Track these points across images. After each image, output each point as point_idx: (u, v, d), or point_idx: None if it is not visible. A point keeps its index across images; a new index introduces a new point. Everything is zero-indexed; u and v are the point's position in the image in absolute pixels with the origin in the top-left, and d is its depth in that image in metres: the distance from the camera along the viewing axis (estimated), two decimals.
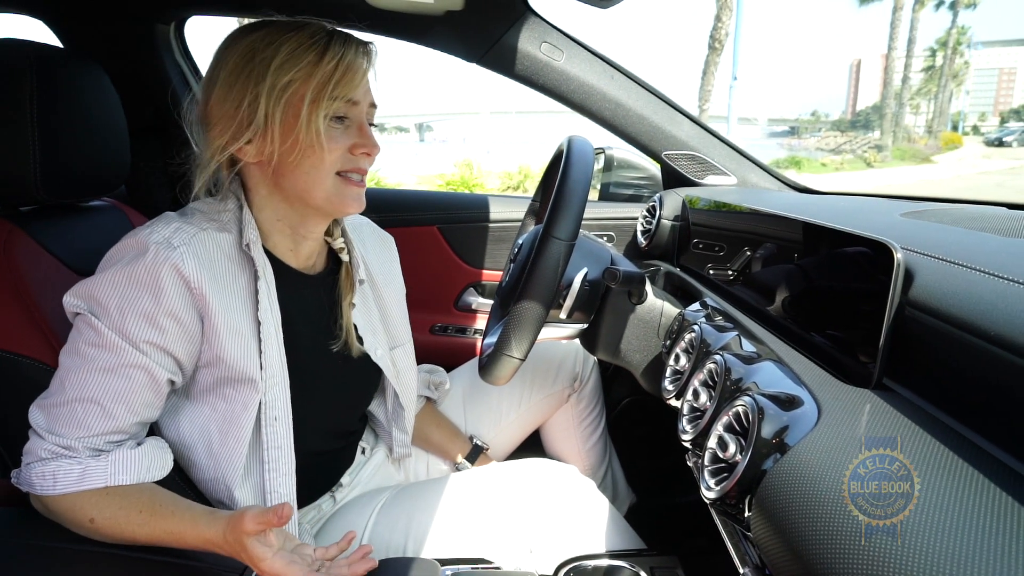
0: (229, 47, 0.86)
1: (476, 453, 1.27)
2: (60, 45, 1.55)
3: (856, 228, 0.76)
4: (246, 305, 0.87)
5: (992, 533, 0.43)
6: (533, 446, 1.43)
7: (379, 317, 1.11)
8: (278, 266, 0.93)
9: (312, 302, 0.98)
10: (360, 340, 1.03)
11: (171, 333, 0.81)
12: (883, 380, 0.65)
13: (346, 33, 0.88)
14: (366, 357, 1.04)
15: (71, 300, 0.82)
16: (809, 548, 0.50)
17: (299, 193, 0.88)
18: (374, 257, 1.11)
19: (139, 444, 0.83)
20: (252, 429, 0.87)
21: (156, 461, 0.83)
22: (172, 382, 0.85)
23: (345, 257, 1.02)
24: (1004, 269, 0.59)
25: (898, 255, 0.64)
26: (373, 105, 0.91)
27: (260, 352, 0.87)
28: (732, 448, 0.66)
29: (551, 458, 1.37)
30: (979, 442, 0.52)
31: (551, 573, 0.93)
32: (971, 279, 0.60)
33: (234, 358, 0.85)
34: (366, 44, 0.89)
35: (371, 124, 0.92)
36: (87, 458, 0.79)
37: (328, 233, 1.01)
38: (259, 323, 0.87)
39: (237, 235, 0.89)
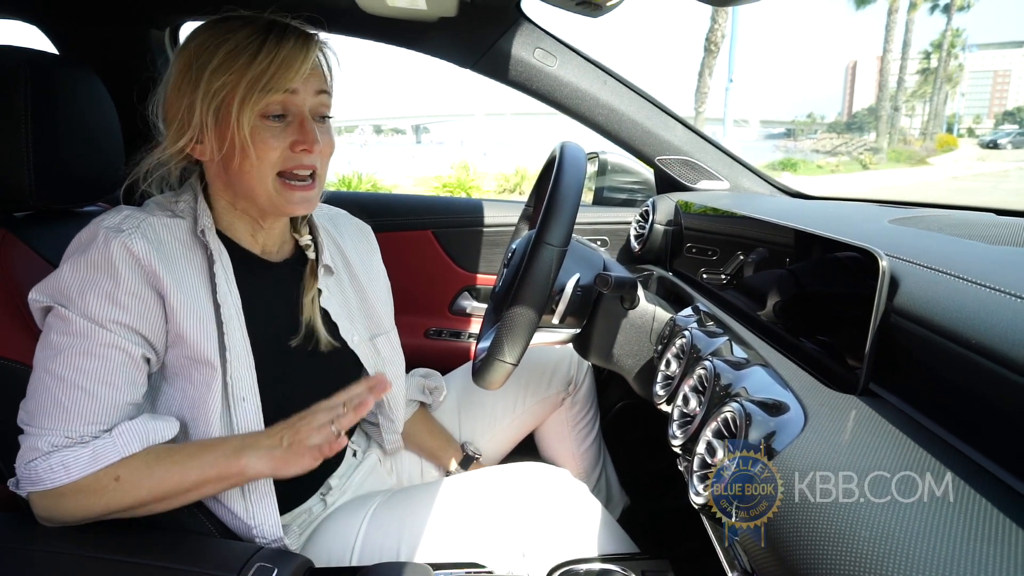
0: (179, 51, 0.88)
1: (468, 462, 1.28)
2: (54, 51, 1.55)
3: (844, 234, 0.76)
4: (202, 287, 0.89)
5: (972, 538, 0.43)
6: (527, 450, 1.44)
7: (357, 305, 1.10)
8: (238, 251, 0.94)
9: (276, 286, 0.99)
10: (333, 327, 1.03)
11: (134, 311, 0.83)
12: (869, 386, 0.66)
13: (286, 26, 0.86)
14: (343, 343, 1.04)
15: (36, 296, 0.83)
16: (793, 552, 0.50)
17: (245, 192, 0.90)
18: (351, 245, 1.12)
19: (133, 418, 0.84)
20: (220, 410, 0.88)
21: (160, 425, 0.85)
22: (147, 360, 0.86)
23: (311, 255, 1.03)
24: (987, 277, 0.60)
25: (883, 263, 0.65)
26: (324, 92, 0.90)
27: (222, 333, 0.88)
28: (720, 453, 0.67)
29: (545, 462, 1.38)
30: (962, 448, 0.53)
31: None
32: (954, 287, 0.61)
33: (193, 338, 0.86)
34: (308, 36, 0.87)
35: (324, 116, 0.91)
36: (91, 440, 0.80)
37: (295, 227, 1.03)
38: (217, 305, 0.89)
39: (191, 222, 0.91)
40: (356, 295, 1.11)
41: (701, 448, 0.71)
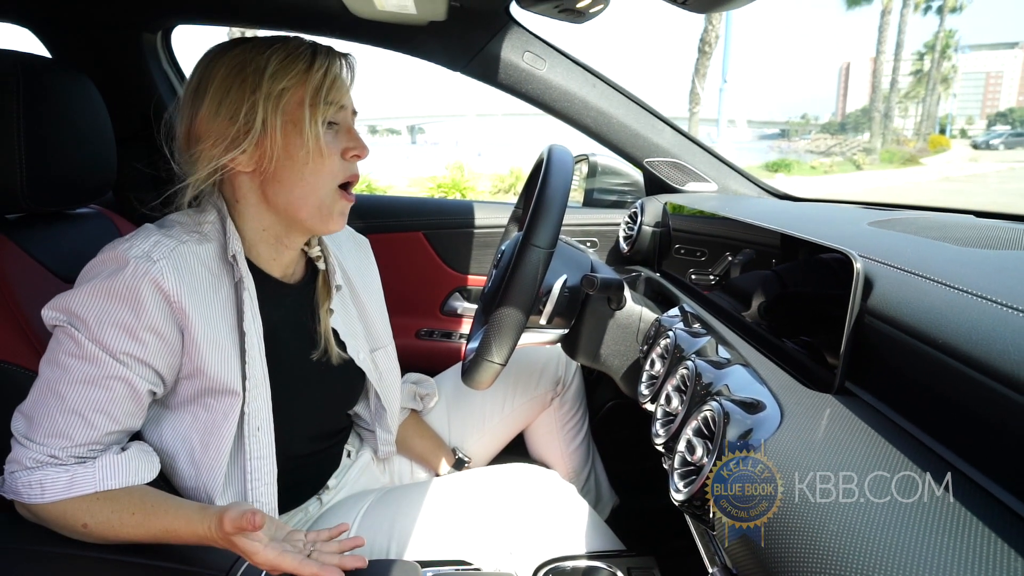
0: (215, 60, 0.86)
1: (459, 466, 1.29)
2: (47, 54, 1.56)
3: (825, 237, 0.78)
4: (227, 317, 0.88)
5: (934, 531, 0.45)
6: (517, 450, 1.45)
7: (359, 321, 1.12)
8: (260, 276, 0.94)
9: (293, 310, 0.99)
10: (342, 345, 1.05)
11: (151, 347, 0.82)
12: (846, 385, 0.67)
13: (327, 46, 0.90)
14: (349, 361, 1.06)
15: (50, 313, 0.82)
16: (766, 546, 0.52)
17: (289, 203, 0.89)
18: (351, 262, 1.13)
19: (124, 449, 0.84)
20: (234, 439, 0.88)
21: (143, 465, 0.84)
22: (153, 392, 0.86)
23: (322, 265, 1.03)
24: (955, 278, 0.61)
25: (857, 265, 0.66)
26: (355, 112, 0.94)
27: (244, 363, 0.88)
28: (700, 451, 0.68)
29: (535, 462, 1.39)
30: (932, 445, 0.55)
31: (530, 575, 0.94)
32: (924, 288, 0.62)
33: (215, 370, 0.85)
34: (346, 56, 0.91)
35: None
36: (73, 465, 0.80)
37: (306, 242, 1.03)
38: (242, 334, 0.88)
39: (218, 246, 0.89)
40: (357, 310, 1.12)
41: (682, 446, 0.72)
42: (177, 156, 0.89)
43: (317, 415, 1.04)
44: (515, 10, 1.46)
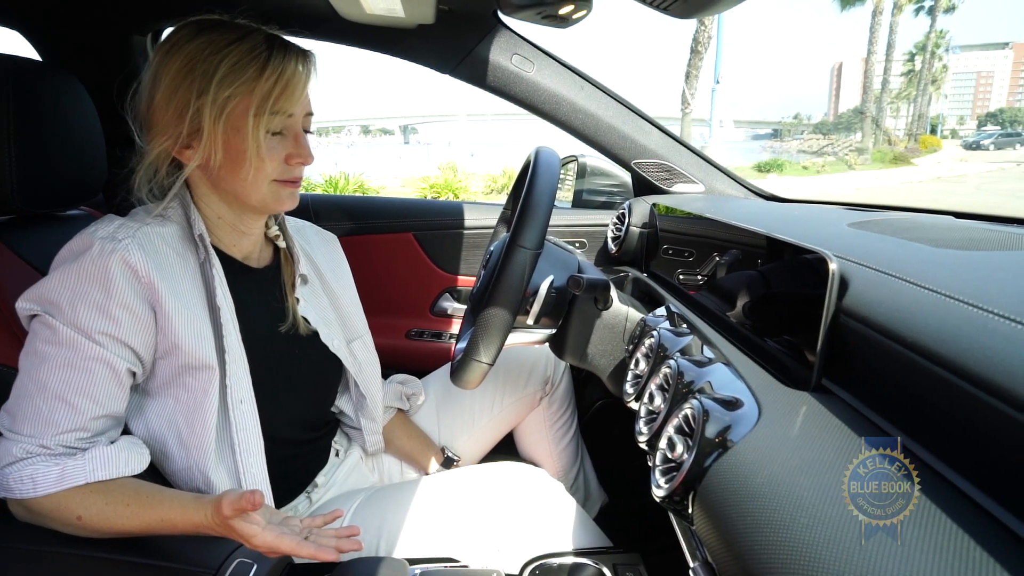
0: (170, 52, 0.88)
1: (448, 465, 1.30)
2: (37, 57, 1.56)
3: (804, 238, 0.79)
4: (197, 293, 0.91)
5: (904, 527, 0.46)
6: (507, 450, 1.46)
7: (332, 310, 1.14)
8: (224, 258, 0.97)
9: (259, 291, 1.02)
10: (316, 334, 1.07)
11: (125, 324, 0.84)
12: (823, 383, 0.69)
13: (286, 43, 0.90)
14: (324, 348, 1.08)
15: (23, 304, 0.84)
16: (739, 539, 0.53)
17: (236, 195, 0.93)
18: (320, 255, 1.16)
19: (113, 442, 0.85)
20: (218, 414, 0.90)
21: (133, 455, 0.85)
22: (133, 373, 0.87)
23: (282, 243, 1.07)
24: (926, 279, 0.63)
25: (832, 265, 0.68)
26: (309, 114, 0.95)
27: (220, 336, 0.90)
28: (680, 448, 0.70)
29: (524, 461, 1.40)
30: (902, 439, 0.56)
31: (517, 571, 0.96)
32: (896, 288, 0.64)
33: (189, 344, 0.87)
34: (306, 55, 0.92)
35: (307, 131, 0.96)
36: (63, 457, 0.81)
37: (265, 223, 1.06)
38: (215, 309, 0.91)
39: (180, 228, 0.93)
40: (330, 302, 1.14)
41: (663, 443, 0.73)
42: (139, 135, 0.92)
43: (298, 398, 1.06)
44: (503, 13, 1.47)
